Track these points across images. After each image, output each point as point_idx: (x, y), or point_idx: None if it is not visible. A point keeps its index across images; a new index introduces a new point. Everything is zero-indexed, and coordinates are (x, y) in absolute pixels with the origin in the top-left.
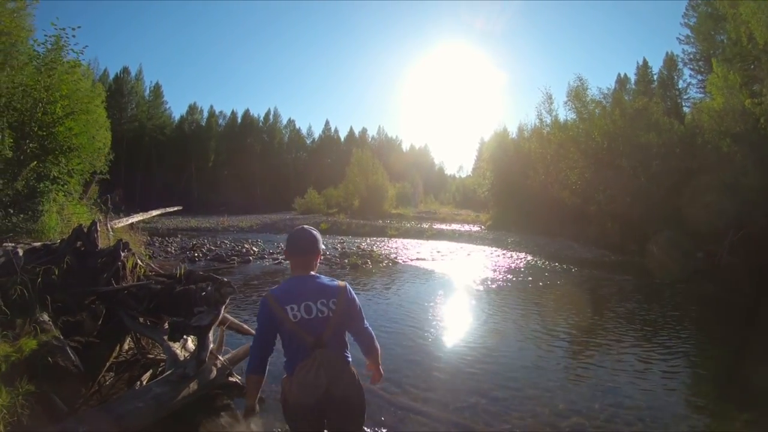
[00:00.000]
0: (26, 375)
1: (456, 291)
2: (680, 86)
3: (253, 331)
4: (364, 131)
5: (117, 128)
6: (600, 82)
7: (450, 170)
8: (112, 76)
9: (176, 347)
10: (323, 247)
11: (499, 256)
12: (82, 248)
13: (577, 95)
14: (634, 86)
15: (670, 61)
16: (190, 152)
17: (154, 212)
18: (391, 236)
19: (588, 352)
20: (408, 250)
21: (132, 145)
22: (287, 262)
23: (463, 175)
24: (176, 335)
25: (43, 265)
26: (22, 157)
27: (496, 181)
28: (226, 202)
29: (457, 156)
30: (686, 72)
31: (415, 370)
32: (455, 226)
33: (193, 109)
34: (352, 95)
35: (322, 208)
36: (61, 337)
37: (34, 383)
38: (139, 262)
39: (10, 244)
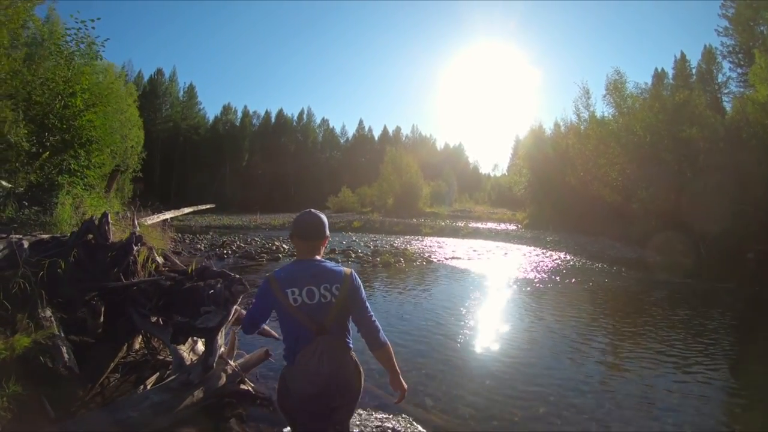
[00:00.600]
0: (16, 375)
1: (493, 293)
2: (719, 80)
3: (276, 334)
4: (398, 130)
5: (152, 129)
6: (636, 78)
7: (484, 169)
8: (146, 78)
9: (184, 350)
10: (329, 233)
11: (538, 255)
12: (93, 241)
13: (616, 88)
14: (671, 81)
15: (709, 55)
16: (224, 152)
17: (186, 209)
18: (425, 234)
19: (637, 367)
20: (443, 248)
21: (167, 145)
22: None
23: (498, 174)
24: (180, 338)
25: (49, 258)
26: (40, 150)
27: (532, 178)
28: (259, 200)
29: (492, 155)
30: (725, 65)
31: (442, 384)
32: (491, 225)
33: (227, 109)
34: (386, 94)
35: (355, 207)
36: (62, 335)
37: (23, 384)
38: (156, 256)
39: (16, 236)
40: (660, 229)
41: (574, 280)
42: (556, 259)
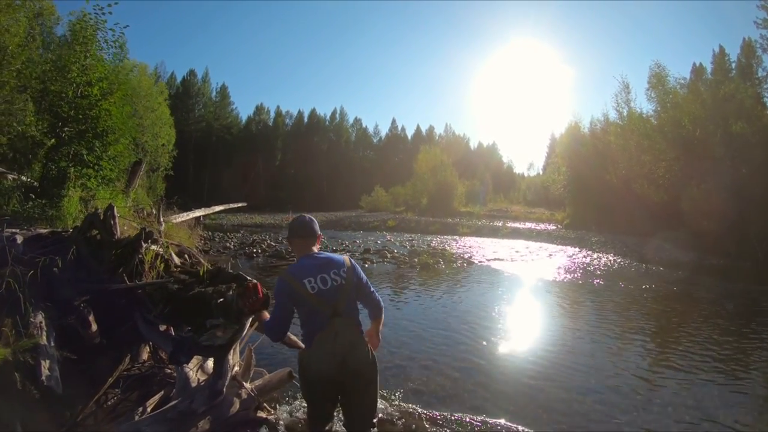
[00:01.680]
0: None
1: (542, 297)
2: (759, 75)
3: (302, 345)
4: (431, 129)
5: (185, 129)
6: (673, 74)
7: (518, 169)
8: (179, 79)
9: (191, 368)
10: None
11: (585, 257)
12: (98, 237)
13: (659, 80)
14: (710, 76)
15: (748, 48)
16: (257, 151)
17: (217, 208)
18: (463, 234)
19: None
20: (483, 249)
21: (200, 144)
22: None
23: (533, 174)
24: (180, 357)
25: (45, 256)
26: (53, 142)
27: (571, 177)
28: (291, 200)
29: (526, 154)
30: (766, 59)
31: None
32: (529, 225)
33: (260, 109)
34: (419, 93)
35: (389, 207)
36: (50, 345)
37: None
38: (173, 256)
39: (10, 230)
40: (713, 230)
41: (630, 285)
42: (604, 262)
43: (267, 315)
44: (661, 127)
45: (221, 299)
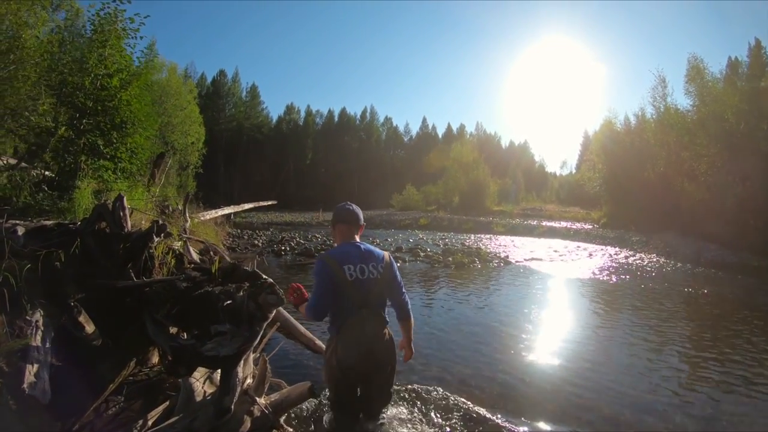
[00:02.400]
0: None
1: (583, 301)
2: None
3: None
4: (462, 127)
5: (215, 128)
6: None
7: (550, 168)
8: (209, 80)
9: (198, 378)
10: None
11: (627, 257)
12: (107, 230)
13: (698, 73)
14: (746, 70)
15: None
16: (287, 151)
17: (246, 205)
18: (497, 233)
19: None
20: (519, 248)
21: (230, 144)
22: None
23: (566, 172)
24: (179, 368)
25: (48, 249)
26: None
27: (608, 175)
28: (322, 198)
29: (558, 153)
30: None
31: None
32: (564, 224)
33: (290, 109)
34: (449, 92)
35: (420, 206)
36: (45, 346)
37: None
38: (192, 252)
39: (12, 221)
40: (760, 229)
41: (678, 288)
42: (647, 262)
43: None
44: (701, 122)
45: (229, 301)
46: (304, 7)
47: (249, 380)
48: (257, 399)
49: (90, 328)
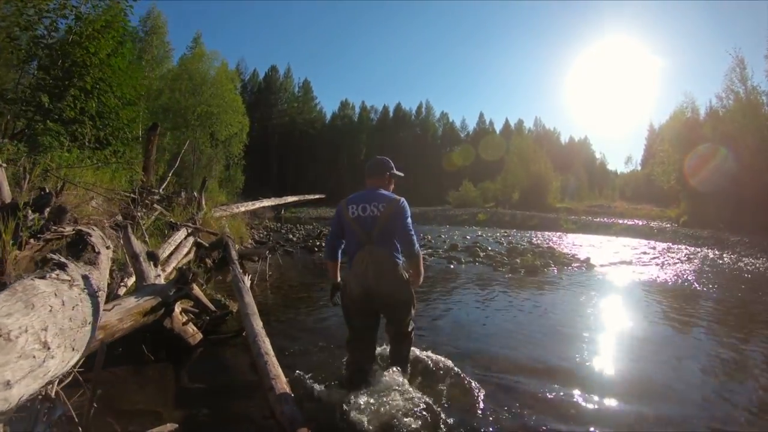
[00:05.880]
0: None
1: (708, 323)
2: None
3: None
4: (520, 123)
5: (267, 123)
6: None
7: (611, 165)
8: (261, 76)
9: None
10: (393, 173)
11: (737, 263)
12: None
13: None
14: None
15: None
16: (341, 146)
17: (290, 198)
18: (567, 230)
19: None
20: (597, 248)
21: (283, 139)
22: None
23: (629, 169)
24: None
25: None
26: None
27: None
28: None
29: (618, 150)
30: None
31: None
32: (639, 222)
33: (345, 104)
34: (507, 87)
35: (477, 202)
36: None
37: None
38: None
39: None
40: None
41: None
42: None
43: None
44: None
45: None
46: (360, 5)
47: None
48: None
49: None
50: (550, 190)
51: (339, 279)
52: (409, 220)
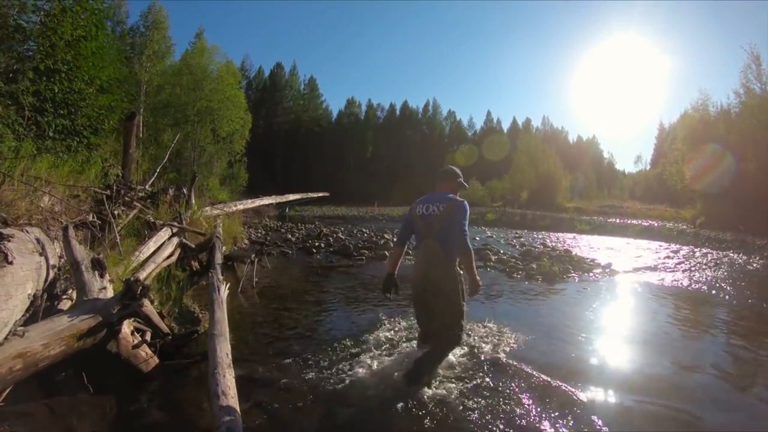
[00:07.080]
0: None
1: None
2: None
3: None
4: (527, 121)
5: (272, 120)
6: None
7: (619, 165)
8: (266, 74)
9: None
10: (460, 181)
11: None
12: None
13: None
14: None
15: None
16: (347, 144)
17: (292, 196)
18: (581, 231)
19: None
20: (618, 251)
21: (288, 136)
22: None
23: (638, 169)
24: None
25: None
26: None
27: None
28: (381, 192)
29: (626, 150)
30: None
31: None
32: (654, 223)
33: (351, 102)
34: (514, 85)
35: (485, 201)
36: None
37: None
38: None
39: None
40: None
41: None
42: None
43: None
44: None
45: None
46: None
47: None
48: None
49: None
50: (559, 189)
51: (395, 271)
52: (465, 221)
